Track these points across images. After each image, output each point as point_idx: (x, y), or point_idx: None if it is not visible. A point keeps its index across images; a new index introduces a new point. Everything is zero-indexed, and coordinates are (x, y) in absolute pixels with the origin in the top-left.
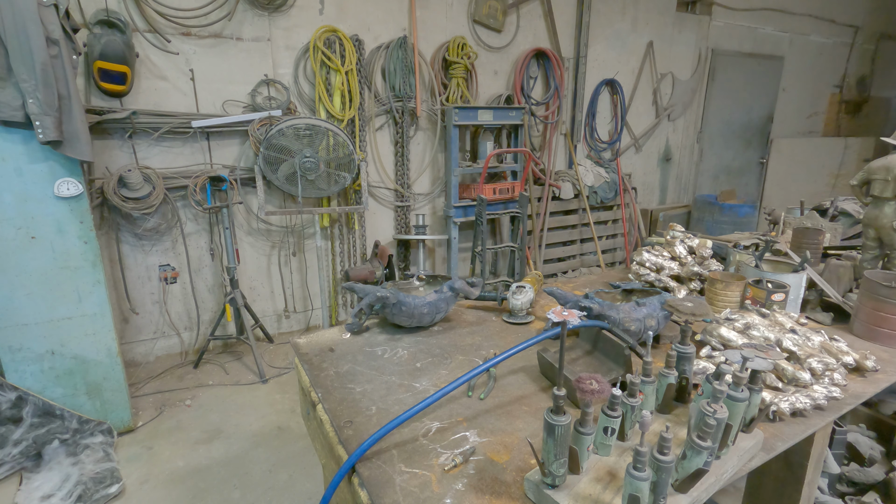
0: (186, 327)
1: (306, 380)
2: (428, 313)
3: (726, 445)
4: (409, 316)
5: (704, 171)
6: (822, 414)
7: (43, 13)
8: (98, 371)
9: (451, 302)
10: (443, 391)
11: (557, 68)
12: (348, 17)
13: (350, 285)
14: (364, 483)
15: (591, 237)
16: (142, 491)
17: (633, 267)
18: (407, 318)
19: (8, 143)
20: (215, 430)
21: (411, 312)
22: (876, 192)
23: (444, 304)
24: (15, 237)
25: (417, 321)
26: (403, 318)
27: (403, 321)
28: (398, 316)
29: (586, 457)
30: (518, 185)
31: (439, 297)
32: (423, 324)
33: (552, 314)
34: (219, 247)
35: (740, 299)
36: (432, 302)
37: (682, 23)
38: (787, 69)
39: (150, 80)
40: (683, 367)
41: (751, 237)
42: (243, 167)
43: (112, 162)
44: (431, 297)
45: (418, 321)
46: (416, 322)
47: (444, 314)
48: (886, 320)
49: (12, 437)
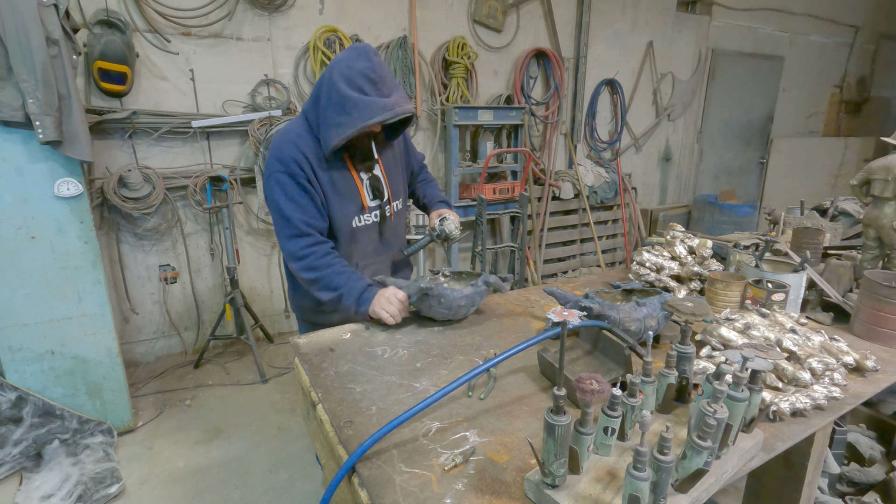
0: (186, 327)
1: (306, 380)
2: (465, 306)
3: (726, 445)
4: (447, 308)
5: (704, 171)
6: (822, 414)
7: (43, 13)
8: (98, 371)
9: (483, 296)
10: (443, 391)
11: (557, 68)
12: (348, 17)
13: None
14: (364, 483)
15: (591, 237)
16: (142, 491)
17: (633, 267)
18: (446, 310)
19: (8, 143)
20: (215, 430)
21: (450, 305)
22: (876, 192)
23: (479, 297)
24: (15, 237)
25: (454, 314)
26: (442, 311)
27: (441, 314)
28: (435, 308)
29: (586, 457)
30: (518, 185)
31: (475, 291)
32: (458, 317)
33: (552, 314)
34: (219, 247)
35: (740, 299)
36: (469, 295)
37: (682, 23)
38: (787, 69)
39: (150, 80)
40: (683, 367)
41: (751, 237)
42: (243, 167)
43: (112, 162)
44: (468, 291)
45: (454, 314)
46: (453, 315)
47: (476, 308)
48: (886, 320)
49: (12, 437)
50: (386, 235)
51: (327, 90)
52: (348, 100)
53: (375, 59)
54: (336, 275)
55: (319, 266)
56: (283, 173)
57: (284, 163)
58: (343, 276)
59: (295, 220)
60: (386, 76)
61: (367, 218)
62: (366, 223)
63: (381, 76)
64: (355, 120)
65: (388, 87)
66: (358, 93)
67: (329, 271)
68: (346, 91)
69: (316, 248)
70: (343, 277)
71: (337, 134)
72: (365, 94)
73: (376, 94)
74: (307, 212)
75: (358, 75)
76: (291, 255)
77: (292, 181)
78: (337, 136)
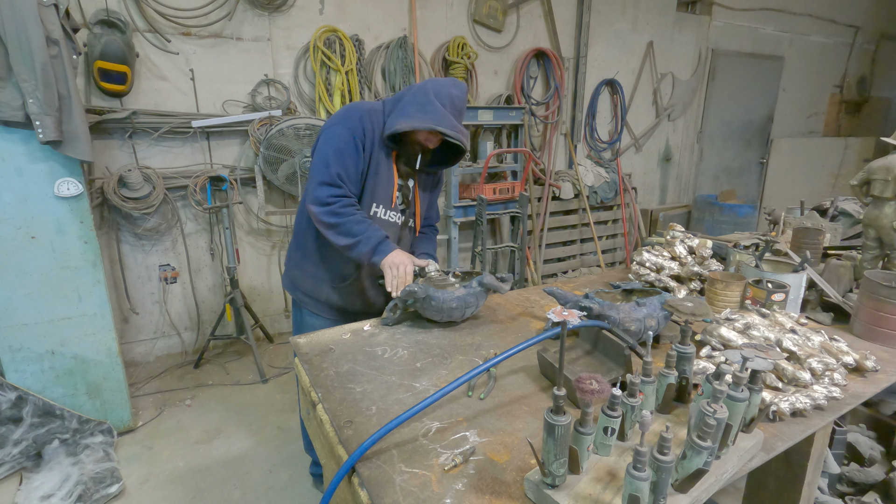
0: (186, 327)
1: (306, 380)
2: (457, 308)
3: (726, 445)
4: (438, 311)
5: (704, 171)
6: (822, 414)
7: (43, 13)
8: (98, 371)
9: (480, 297)
10: (443, 391)
11: (557, 68)
12: (348, 17)
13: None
14: (364, 483)
15: (591, 237)
16: (142, 491)
17: (633, 267)
18: (437, 312)
19: (8, 143)
20: (215, 430)
21: (440, 307)
22: (876, 192)
23: (474, 298)
24: (15, 237)
25: (447, 316)
26: (433, 313)
27: (434, 316)
28: (429, 311)
29: (586, 457)
30: (518, 185)
31: (468, 292)
32: (454, 318)
33: (552, 314)
34: (219, 247)
35: (740, 299)
36: (461, 297)
37: (682, 23)
38: (787, 69)
39: (150, 80)
40: (683, 367)
41: (751, 237)
42: (243, 167)
43: (112, 162)
44: (460, 292)
45: (448, 316)
46: (447, 317)
47: (474, 309)
48: (886, 320)
49: (12, 436)
50: (402, 243)
51: (416, 92)
52: (431, 104)
53: (465, 96)
54: (357, 223)
55: (343, 213)
56: (343, 127)
57: (350, 120)
58: (363, 225)
59: (333, 169)
60: (464, 111)
61: (392, 214)
62: (388, 219)
63: (461, 109)
64: (427, 121)
65: (461, 119)
66: (441, 105)
67: (351, 219)
68: (433, 99)
69: (342, 199)
70: (363, 226)
71: (406, 122)
72: (445, 108)
73: (454, 116)
74: (347, 168)
75: (447, 96)
76: (317, 199)
77: (350, 137)
78: (405, 124)
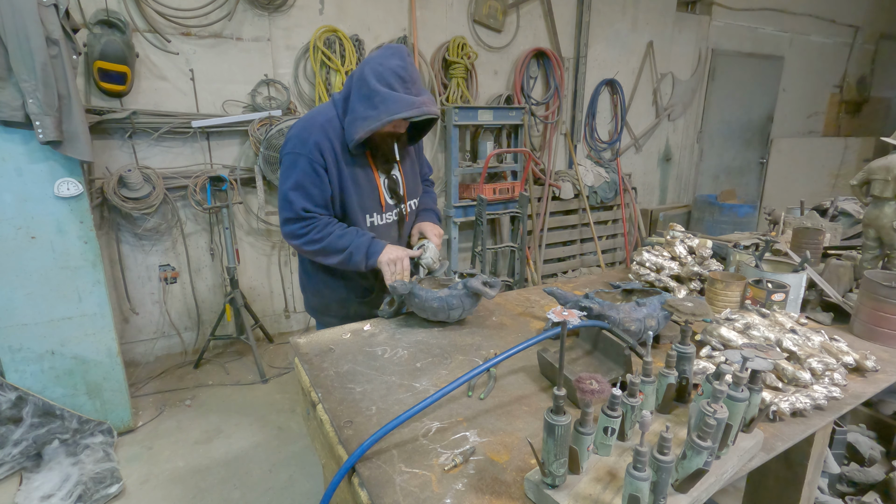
0: (186, 327)
1: (306, 380)
2: (440, 308)
3: (726, 445)
4: (421, 309)
5: (704, 171)
6: (822, 414)
7: (43, 13)
8: (98, 371)
9: (467, 300)
10: (443, 391)
11: (557, 68)
12: (348, 17)
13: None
14: (364, 483)
15: (592, 237)
16: (142, 491)
17: (633, 267)
18: (421, 310)
19: (8, 143)
20: (215, 430)
21: (423, 305)
22: (876, 192)
23: (458, 300)
24: (15, 237)
25: (433, 314)
26: (419, 311)
27: (421, 313)
28: (415, 308)
29: (586, 457)
30: (518, 185)
31: (451, 294)
32: (440, 318)
33: (552, 314)
34: (219, 247)
35: (740, 299)
36: (443, 297)
37: (682, 23)
38: (787, 69)
39: (150, 80)
40: (683, 367)
41: (751, 237)
42: (243, 167)
43: (112, 162)
44: (443, 293)
45: (433, 315)
46: (432, 315)
47: (462, 311)
48: (886, 320)
49: (12, 437)
50: (403, 234)
51: (358, 84)
52: (377, 94)
53: (408, 59)
54: (338, 238)
55: (319, 238)
56: (300, 155)
57: (306, 144)
58: (346, 237)
59: (297, 205)
60: (416, 77)
61: (388, 216)
62: (386, 222)
63: (412, 76)
64: (382, 114)
65: (416, 87)
66: (387, 88)
67: (331, 237)
68: (376, 86)
69: (313, 224)
70: (346, 238)
71: (363, 127)
72: (394, 90)
73: (405, 91)
74: (313, 198)
75: (389, 72)
76: (290, 234)
77: (308, 164)
78: (362, 129)
